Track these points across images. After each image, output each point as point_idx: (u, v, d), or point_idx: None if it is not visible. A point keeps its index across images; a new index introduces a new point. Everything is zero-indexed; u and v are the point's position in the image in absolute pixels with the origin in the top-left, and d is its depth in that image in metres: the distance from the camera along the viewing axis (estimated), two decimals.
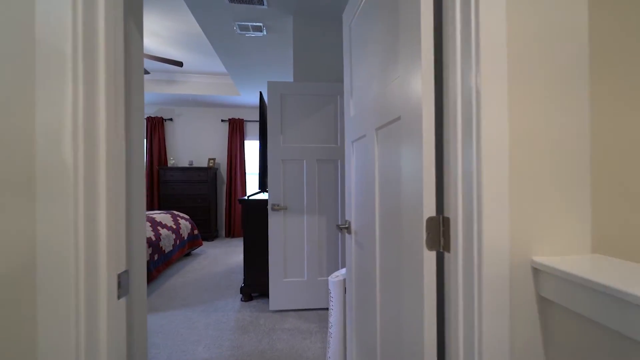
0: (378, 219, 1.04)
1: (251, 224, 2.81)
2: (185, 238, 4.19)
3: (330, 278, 1.73)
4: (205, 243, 5.42)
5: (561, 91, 0.67)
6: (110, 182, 0.65)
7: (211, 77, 5.06)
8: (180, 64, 3.84)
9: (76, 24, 0.59)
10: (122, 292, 0.70)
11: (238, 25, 2.95)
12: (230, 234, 5.98)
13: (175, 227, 3.97)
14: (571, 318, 0.61)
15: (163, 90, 5.01)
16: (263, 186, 3.18)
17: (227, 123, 6.08)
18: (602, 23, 0.66)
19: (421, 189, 0.71)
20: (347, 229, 1.42)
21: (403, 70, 0.80)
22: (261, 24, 2.96)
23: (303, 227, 2.61)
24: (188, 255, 4.54)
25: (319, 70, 2.85)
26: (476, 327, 0.62)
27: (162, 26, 3.43)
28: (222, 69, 4.77)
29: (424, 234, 0.71)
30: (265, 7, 2.69)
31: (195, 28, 3.47)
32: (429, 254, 0.71)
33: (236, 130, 5.98)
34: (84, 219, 0.60)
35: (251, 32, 3.09)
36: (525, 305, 0.65)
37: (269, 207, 2.56)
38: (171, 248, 3.68)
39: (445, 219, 0.71)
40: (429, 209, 0.71)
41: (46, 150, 0.58)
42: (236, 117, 6.03)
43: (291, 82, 2.57)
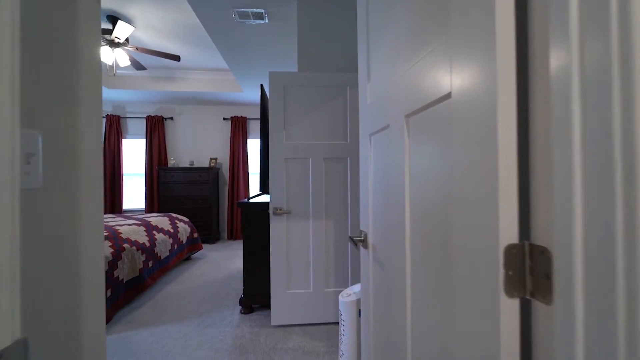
0: (409, 236, 0.79)
1: (251, 230, 2.56)
2: (183, 242, 3.96)
3: (341, 297, 1.47)
4: (206, 246, 5.20)
5: None
6: None
7: (212, 73, 4.83)
8: (177, 58, 3.61)
9: None
10: None
11: (237, 12, 2.71)
12: (232, 237, 5.75)
13: (172, 231, 3.74)
14: None
15: (162, 87, 4.78)
16: (264, 188, 2.93)
17: (230, 121, 5.85)
18: None
19: (495, 199, 0.45)
20: (363, 242, 1.16)
21: (457, 27, 0.54)
22: (262, 11, 2.71)
23: (308, 233, 2.35)
24: (187, 259, 4.31)
25: (327, 58, 2.59)
26: None
27: (156, 17, 3.20)
28: (223, 64, 4.54)
29: (501, 271, 0.45)
30: None
31: (190, 18, 3.23)
32: (510, 303, 0.45)
33: (239, 128, 5.75)
34: None
35: (252, 20, 2.84)
36: None
37: (271, 211, 2.30)
38: (168, 253, 3.45)
39: (533, 248, 0.45)
40: (509, 232, 0.45)
41: None
42: (239, 115, 5.80)
43: (295, 72, 2.31)
